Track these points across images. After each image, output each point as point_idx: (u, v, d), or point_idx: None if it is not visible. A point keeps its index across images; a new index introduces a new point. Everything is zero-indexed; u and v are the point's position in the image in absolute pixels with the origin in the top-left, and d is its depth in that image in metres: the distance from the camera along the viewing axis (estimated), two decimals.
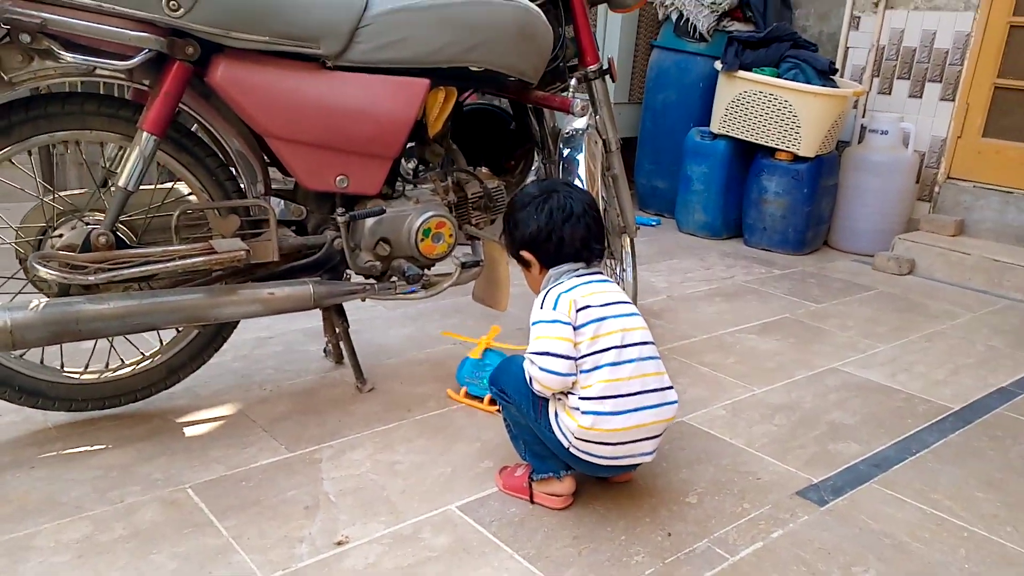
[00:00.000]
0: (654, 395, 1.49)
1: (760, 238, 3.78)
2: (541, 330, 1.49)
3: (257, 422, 1.84)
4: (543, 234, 1.55)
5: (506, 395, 1.58)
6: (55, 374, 1.74)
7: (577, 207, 1.56)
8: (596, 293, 1.51)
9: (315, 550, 1.41)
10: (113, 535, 1.41)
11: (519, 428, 1.60)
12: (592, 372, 1.46)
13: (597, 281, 1.55)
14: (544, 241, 1.56)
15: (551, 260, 1.57)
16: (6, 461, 1.62)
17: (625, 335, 1.48)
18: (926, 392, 2.24)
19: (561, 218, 1.54)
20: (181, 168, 1.72)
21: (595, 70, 2.22)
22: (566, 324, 1.47)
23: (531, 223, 1.56)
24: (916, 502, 1.67)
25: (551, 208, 1.55)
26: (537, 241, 1.56)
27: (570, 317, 1.47)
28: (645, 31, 4.37)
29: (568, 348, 1.46)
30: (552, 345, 1.46)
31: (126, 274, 1.61)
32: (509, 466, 1.67)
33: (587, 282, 1.53)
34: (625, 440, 1.47)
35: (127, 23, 1.50)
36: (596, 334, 1.46)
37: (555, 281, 1.55)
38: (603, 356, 1.46)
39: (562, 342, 1.46)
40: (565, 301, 1.48)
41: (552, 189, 1.59)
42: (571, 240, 1.55)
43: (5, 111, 1.53)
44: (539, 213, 1.56)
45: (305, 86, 1.70)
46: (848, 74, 3.99)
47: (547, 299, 1.51)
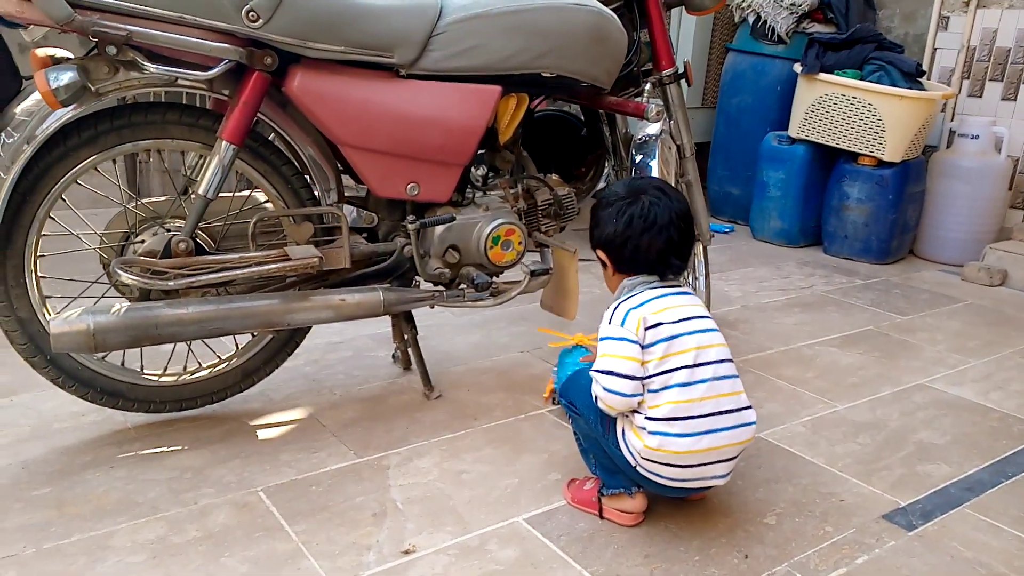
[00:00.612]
0: (729, 416, 1.43)
1: (841, 246, 3.64)
2: (607, 347, 1.44)
3: (327, 427, 1.85)
4: (619, 239, 1.48)
5: (575, 408, 1.54)
6: (135, 376, 1.78)
7: (662, 216, 1.47)
8: (670, 308, 1.44)
9: (382, 558, 1.40)
10: (187, 537, 1.44)
11: (589, 442, 1.56)
12: (661, 392, 1.40)
13: (673, 294, 1.48)
14: (619, 247, 1.49)
15: (625, 267, 1.52)
16: (87, 460, 1.67)
17: (699, 353, 1.42)
18: (1022, 412, 2.11)
19: (641, 227, 1.46)
20: (258, 176, 1.75)
21: (670, 74, 2.17)
22: (633, 343, 1.41)
23: (609, 225, 1.49)
24: (1013, 530, 1.57)
25: (632, 214, 1.47)
26: (613, 245, 1.50)
27: (638, 335, 1.41)
28: (720, 34, 4.28)
29: (634, 368, 1.40)
30: (617, 364, 1.41)
31: (204, 280, 1.64)
32: (578, 479, 1.64)
33: (661, 295, 1.47)
34: (695, 463, 1.42)
35: (208, 34, 1.53)
36: (667, 353, 1.41)
37: (628, 293, 1.49)
38: (673, 376, 1.40)
39: (628, 361, 1.41)
40: (634, 318, 1.42)
41: (640, 191, 1.50)
42: (648, 251, 1.48)
43: (92, 121, 1.58)
44: (620, 216, 1.48)
45: (379, 95, 1.71)
46: (936, 76, 3.82)
47: (616, 314, 1.46)
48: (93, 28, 1.44)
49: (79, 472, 1.63)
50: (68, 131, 1.56)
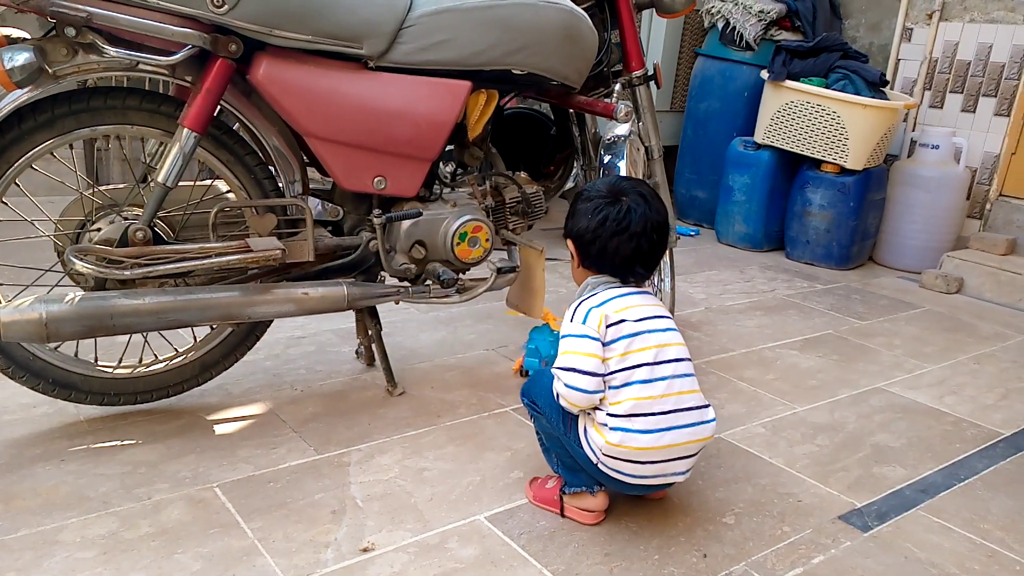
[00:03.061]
0: (690, 413, 1.44)
1: (803, 251, 3.69)
2: (568, 344, 1.44)
3: (287, 422, 1.82)
4: (589, 236, 1.48)
5: (537, 407, 1.54)
6: (89, 367, 1.74)
7: (636, 224, 1.45)
8: (631, 307, 1.45)
9: (340, 556, 1.38)
10: (139, 532, 1.40)
11: (551, 440, 1.56)
12: (622, 389, 1.41)
13: (634, 294, 1.48)
14: (588, 244, 1.49)
15: (590, 264, 1.52)
16: (37, 453, 1.63)
17: (660, 351, 1.43)
18: (975, 416, 2.15)
19: (613, 230, 1.46)
20: (220, 165, 1.72)
21: (640, 76, 2.18)
22: (594, 340, 1.41)
23: (583, 220, 1.49)
24: (965, 531, 1.60)
25: (608, 215, 1.46)
26: (582, 241, 1.50)
27: (599, 332, 1.41)
28: (690, 39, 4.31)
29: (595, 365, 1.41)
30: (578, 361, 1.41)
31: (162, 270, 1.60)
32: (540, 477, 1.63)
33: (622, 295, 1.47)
34: (656, 459, 1.42)
35: (171, 19, 1.50)
36: (627, 350, 1.41)
37: (590, 291, 1.50)
38: (634, 373, 1.41)
39: (589, 358, 1.41)
40: (596, 316, 1.43)
41: (622, 193, 1.49)
42: (615, 254, 1.47)
43: (48, 104, 1.53)
44: (595, 214, 1.47)
45: (346, 86, 1.68)
46: (899, 86, 3.89)
47: (578, 312, 1.46)
48: (51, 8, 1.40)
49: (28, 465, 1.58)
50: (23, 114, 1.52)
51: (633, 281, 1.52)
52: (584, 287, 1.53)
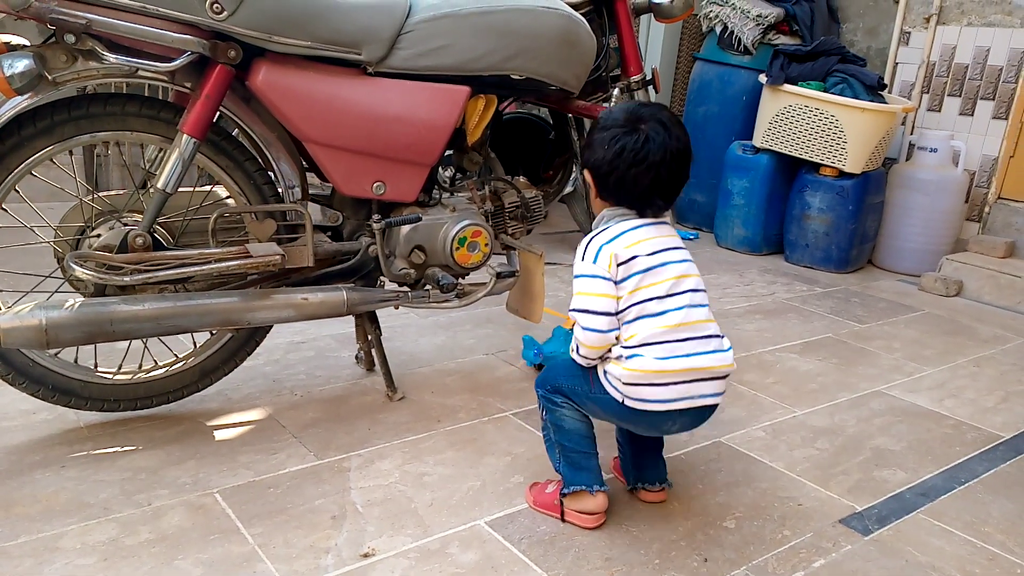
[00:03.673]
0: (708, 341, 1.42)
1: (802, 255, 3.70)
2: (580, 285, 1.42)
3: (287, 428, 1.82)
4: (606, 168, 1.42)
5: (555, 388, 1.52)
6: (88, 374, 1.74)
7: (655, 154, 1.38)
8: (644, 241, 1.41)
9: (341, 562, 1.38)
10: (139, 539, 1.40)
11: (559, 432, 1.53)
12: (635, 322, 1.39)
13: (647, 226, 1.43)
14: (605, 175, 1.43)
15: (607, 195, 1.46)
16: (37, 459, 1.63)
17: (675, 283, 1.40)
18: (975, 419, 2.15)
19: (631, 160, 1.39)
20: (220, 171, 1.72)
21: (638, 80, 2.18)
22: (606, 279, 1.39)
23: (599, 151, 1.42)
24: (966, 535, 1.60)
25: (625, 145, 1.39)
26: (599, 172, 1.44)
27: (610, 271, 1.39)
28: (687, 43, 4.32)
29: (608, 304, 1.39)
30: (591, 302, 1.40)
31: (162, 276, 1.61)
32: (540, 482, 1.63)
33: (634, 227, 1.42)
34: (679, 380, 1.40)
35: (170, 25, 1.50)
36: (638, 286, 1.39)
37: (604, 224, 1.46)
38: (645, 307, 1.39)
39: (601, 298, 1.39)
40: (606, 254, 1.40)
41: (640, 120, 1.41)
42: (633, 185, 1.41)
43: (48, 110, 1.54)
44: (612, 144, 1.40)
45: (345, 92, 1.69)
46: (897, 90, 3.90)
47: (589, 249, 1.42)
48: (51, 15, 1.40)
49: (28, 472, 1.58)
50: (23, 120, 1.52)
51: (650, 214, 1.47)
52: (600, 219, 1.49)
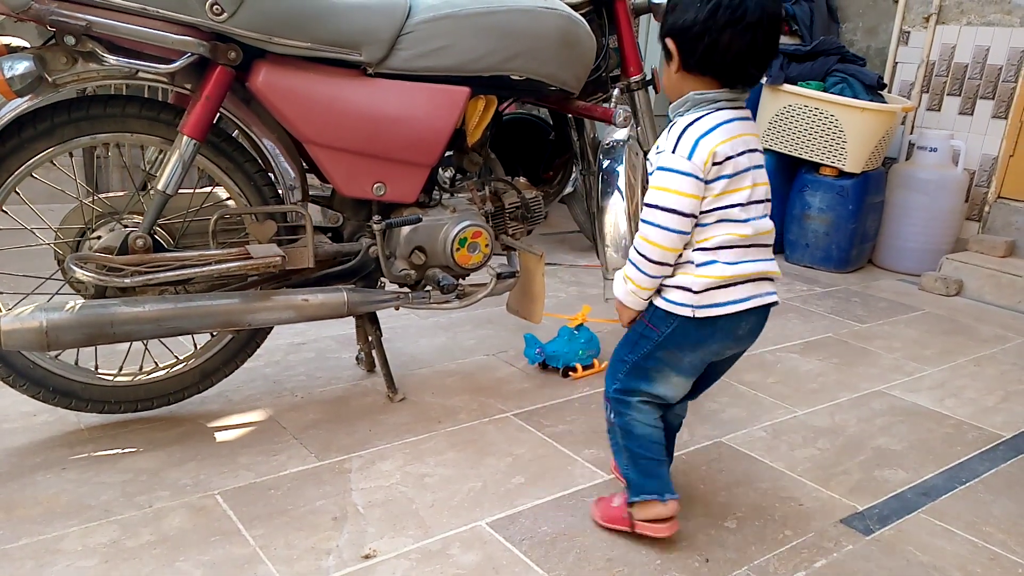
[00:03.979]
0: (767, 250, 1.39)
1: (802, 255, 3.70)
2: (669, 181, 1.30)
3: (287, 429, 1.82)
4: (697, 30, 1.28)
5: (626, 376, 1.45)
6: (89, 375, 1.74)
7: (752, 13, 1.26)
8: (736, 138, 1.31)
9: (342, 563, 1.38)
10: (140, 540, 1.40)
11: (628, 437, 1.47)
12: (713, 226, 1.33)
13: (739, 120, 1.33)
14: (694, 39, 1.29)
15: (695, 65, 1.32)
16: (38, 461, 1.62)
17: (753, 191, 1.34)
18: (976, 419, 2.15)
19: (726, 20, 1.26)
20: (220, 173, 1.72)
21: (638, 80, 2.18)
22: (698, 179, 1.29)
23: (690, 11, 1.28)
24: (967, 534, 1.60)
25: (720, 3, 1.26)
26: (687, 36, 1.30)
27: (704, 170, 1.29)
28: None
29: (694, 206, 1.30)
30: (677, 201, 1.29)
31: (162, 277, 1.61)
32: (604, 497, 1.58)
33: (729, 120, 1.32)
34: (746, 279, 1.35)
35: (170, 27, 1.50)
36: (725, 190, 1.31)
37: (695, 110, 1.33)
38: (729, 212, 1.32)
39: (688, 199, 1.29)
40: (704, 150, 1.29)
41: None
42: (726, 50, 1.28)
43: (48, 112, 1.54)
44: (704, 3, 1.27)
45: (345, 93, 1.69)
46: (896, 90, 3.90)
47: (683, 141, 1.31)
48: (51, 17, 1.40)
49: (29, 474, 1.58)
50: (23, 122, 1.52)
51: (741, 89, 1.35)
52: (684, 102, 1.35)
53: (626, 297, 1.42)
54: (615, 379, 1.49)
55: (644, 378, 1.45)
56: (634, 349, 1.45)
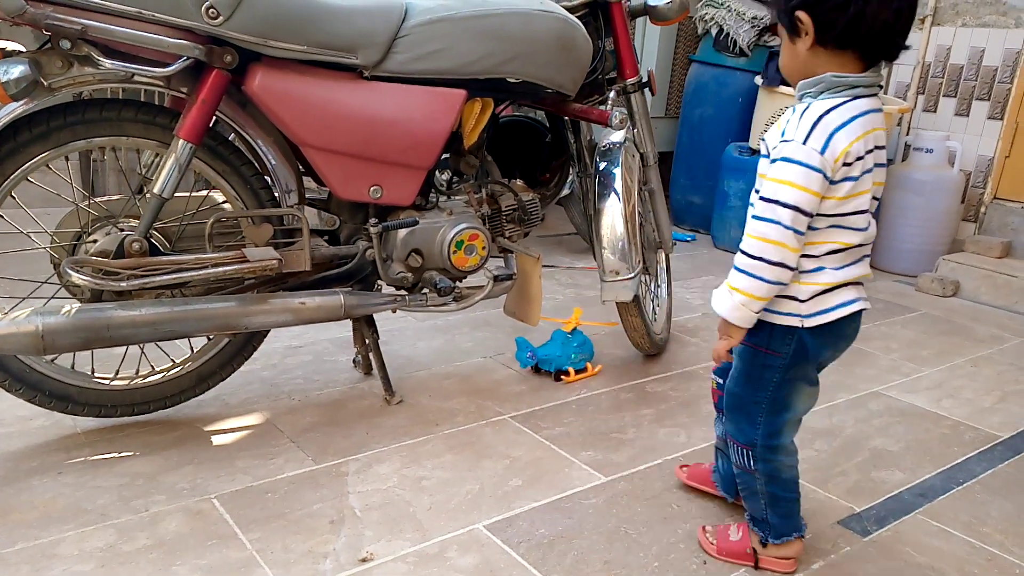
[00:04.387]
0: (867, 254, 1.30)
1: None
2: (794, 175, 1.18)
3: (284, 432, 1.82)
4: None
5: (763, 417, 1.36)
6: (85, 379, 1.74)
7: None
8: (869, 133, 1.20)
9: (339, 566, 1.38)
10: (136, 545, 1.40)
11: (774, 483, 1.40)
12: (824, 231, 1.23)
13: (875, 111, 1.21)
14: (836, 9, 1.16)
15: (833, 38, 1.19)
16: (34, 466, 1.62)
17: (874, 191, 1.23)
18: (973, 419, 2.15)
19: None
20: (216, 176, 1.72)
21: (634, 83, 2.18)
22: (826, 179, 1.18)
23: None
24: (964, 535, 1.60)
25: None
26: (828, 6, 1.16)
27: (833, 169, 1.18)
28: (683, 45, 4.32)
29: (814, 206, 1.19)
30: (800, 198, 1.18)
31: (158, 281, 1.60)
32: (718, 526, 1.52)
33: (865, 112, 1.19)
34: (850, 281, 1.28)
35: (166, 30, 1.50)
36: (849, 194, 1.20)
37: (829, 93, 1.21)
38: (849, 219, 1.22)
39: (812, 197, 1.18)
40: (838, 147, 1.17)
41: None
42: (873, 22, 1.16)
43: (44, 116, 1.53)
44: None
45: (342, 96, 1.69)
46: (892, 91, 3.91)
47: (816, 131, 1.18)
48: (46, 21, 1.40)
49: (25, 478, 1.58)
50: (19, 126, 1.52)
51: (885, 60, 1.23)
52: (817, 82, 1.22)
53: (733, 312, 1.27)
54: (755, 424, 1.38)
55: (785, 408, 1.37)
56: (761, 384, 1.35)
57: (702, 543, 1.50)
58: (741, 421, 1.40)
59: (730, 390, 1.41)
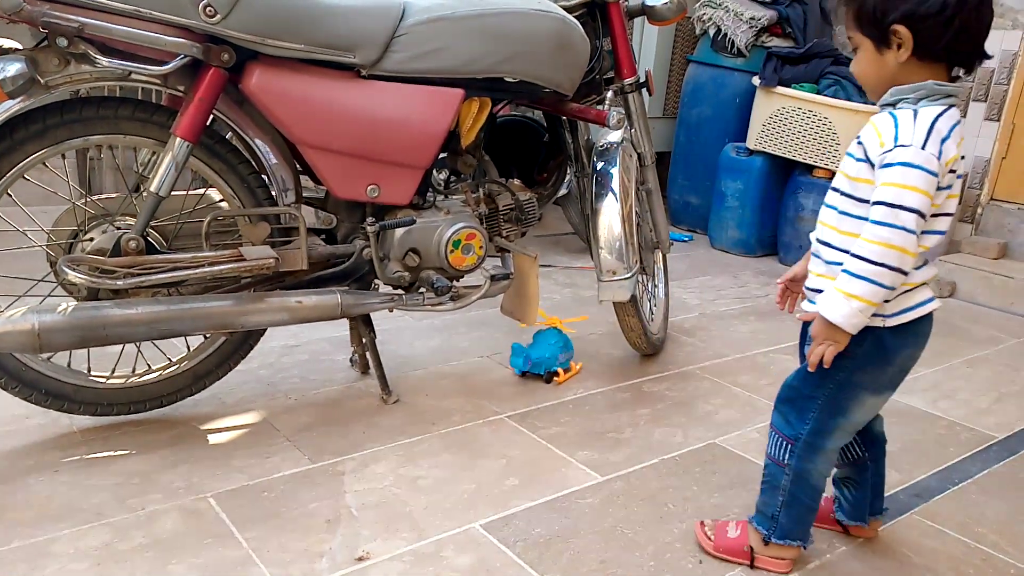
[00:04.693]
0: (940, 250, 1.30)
1: (796, 256, 3.67)
2: (916, 179, 1.16)
3: (281, 431, 1.82)
4: (949, 12, 1.16)
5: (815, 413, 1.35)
6: (82, 378, 1.73)
7: None
8: (962, 142, 1.22)
9: (335, 566, 1.38)
10: (132, 543, 1.40)
11: (800, 485, 1.39)
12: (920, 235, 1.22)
13: (961, 121, 1.23)
14: (944, 23, 1.16)
15: (931, 51, 1.19)
16: (30, 464, 1.62)
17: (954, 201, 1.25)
18: (969, 420, 2.16)
19: (977, 1, 1.17)
20: (213, 174, 1.72)
21: (632, 83, 2.18)
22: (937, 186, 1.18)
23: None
24: (960, 535, 1.60)
25: None
26: (935, 21, 1.16)
27: (943, 174, 1.18)
28: (681, 46, 4.33)
29: (930, 209, 1.18)
30: (921, 202, 1.16)
31: (155, 279, 1.60)
32: (717, 521, 1.52)
33: (959, 122, 1.21)
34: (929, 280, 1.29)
35: (163, 29, 1.50)
36: (943, 200, 1.22)
37: (930, 101, 1.21)
38: (937, 221, 1.23)
39: (929, 202, 1.17)
40: (948, 154, 1.18)
41: None
42: (976, 29, 1.18)
43: (40, 114, 1.53)
44: None
45: (339, 95, 1.69)
46: None
47: (931, 139, 1.17)
48: (43, 19, 1.40)
49: (21, 477, 1.57)
50: (15, 124, 1.51)
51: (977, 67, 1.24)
52: (918, 88, 1.21)
53: (851, 319, 1.23)
54: (804, 420, 1.37)
55: (841, 412, 1.36)
56: (823, 382, 1.33)
57: (699, 538, 1.50)
58: (790, 413, 1.39)
59: (788, 383, 1.40)
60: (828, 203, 1.32)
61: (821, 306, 1.26)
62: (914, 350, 1.35)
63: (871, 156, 1.22)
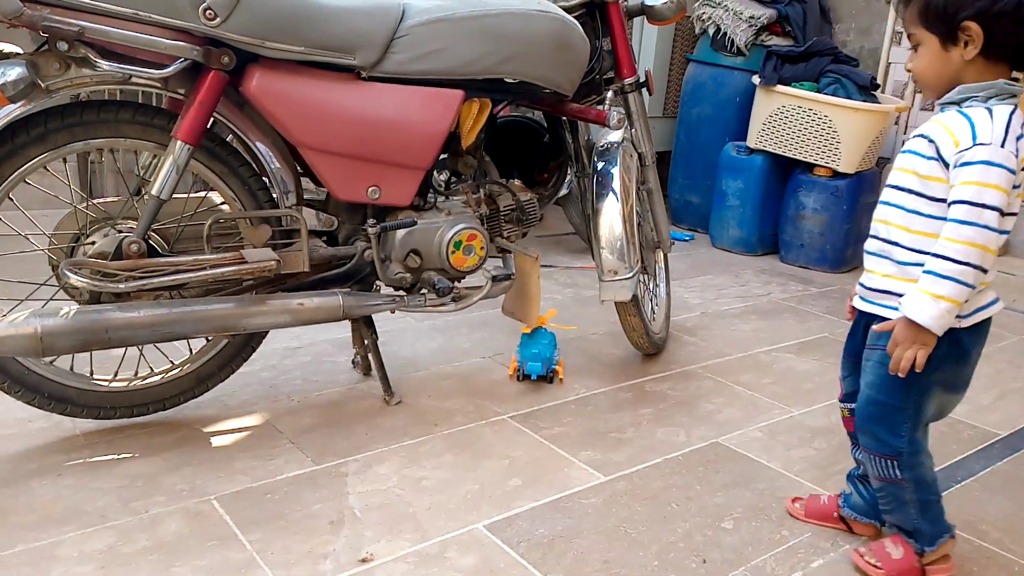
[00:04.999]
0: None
1: (797, 255, 3.70)
2: (998, 178, 1.16)
3: (284, 433, 1.82)
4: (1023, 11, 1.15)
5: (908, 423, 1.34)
6: (84, 381, 1.73)
7: None
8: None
9: (339, 567, 1.38)
10: (136, 546, 1.40)
11: (921, 488, 1.38)
12: None
13: None
14: (1015, 23, 1.16)
15: (1001, 52, 1.19)
16: (33, 468, 1.62)
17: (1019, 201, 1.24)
18: (971, 417, 2.16)
19: None
20: (214, 177, 1.72)
21: (632, 83, 2.18)
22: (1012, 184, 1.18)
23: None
24: (963, 532, 1.60)
25: None
26: (1010, 19, 1.16)
27: (1018, 172, 1.18)
28: (681, 45, 4.33)
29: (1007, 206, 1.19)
30: (1003, 200, 1.16)
31: (157, 283, 1.60)
32: (862, 547, 1.47)
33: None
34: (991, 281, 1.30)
35: (163, 32, 1.50)
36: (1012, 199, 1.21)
37: (1000, 100, 1.20)
38: (1006, 220, 1.21)
39: (1007, 197, 1.17)
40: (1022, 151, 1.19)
41: None
42: None
43: (41, 118, 1.53)
44: None
45: (339, 97, 1.69)
46: (890, 90, 3.91)
47: (1009, 138, 1.17)
48: (43, 23, 1.40)
49: (24, 480, 1.57)
50: (16, 128, 1.52)
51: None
52: (988, 87, 1.21)
53: (939, 321, 1.22)
54: (897, 433, 1.35)
55: (924, 412, 1.36)
56: (908, 391, 1.32)
57: (864, 568, 1.44)
58: (882, 432, 1.37)
59: (871, 399, 1.37)
60: (891, 202, 1.31)
61: (906, 309, 1.24)
62: (979, 350, 1.35)
63: (944, 155, 1.21)
